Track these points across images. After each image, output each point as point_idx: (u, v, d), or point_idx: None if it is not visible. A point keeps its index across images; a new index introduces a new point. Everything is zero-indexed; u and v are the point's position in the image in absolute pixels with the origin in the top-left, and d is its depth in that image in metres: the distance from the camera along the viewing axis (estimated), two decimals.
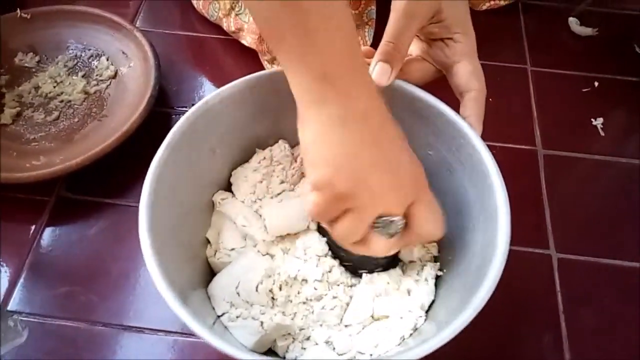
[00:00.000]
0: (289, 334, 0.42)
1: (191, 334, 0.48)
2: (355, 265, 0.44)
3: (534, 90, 0.69)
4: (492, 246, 0.37)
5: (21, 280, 0.51)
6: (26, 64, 0.67)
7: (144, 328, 0.49)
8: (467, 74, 0.43)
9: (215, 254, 0.46)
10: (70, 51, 0.68)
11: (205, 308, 0.42)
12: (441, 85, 0.45)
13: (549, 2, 0.79)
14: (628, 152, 0.63)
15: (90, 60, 0.67)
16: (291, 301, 0.43)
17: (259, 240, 0.45)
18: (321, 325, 0.43)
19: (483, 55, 0.71)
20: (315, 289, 0.43)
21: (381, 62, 0.42)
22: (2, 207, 0.56)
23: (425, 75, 0.45)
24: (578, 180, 0.61)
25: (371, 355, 0.41)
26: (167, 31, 0.73)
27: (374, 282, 0.43)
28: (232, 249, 0.45)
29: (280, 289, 0.43)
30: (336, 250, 0.44)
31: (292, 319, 0.42)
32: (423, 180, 0.37)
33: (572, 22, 0.76)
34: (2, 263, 0.52)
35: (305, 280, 0.43)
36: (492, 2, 0.75)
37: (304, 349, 0.42)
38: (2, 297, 0.50)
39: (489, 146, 0.63)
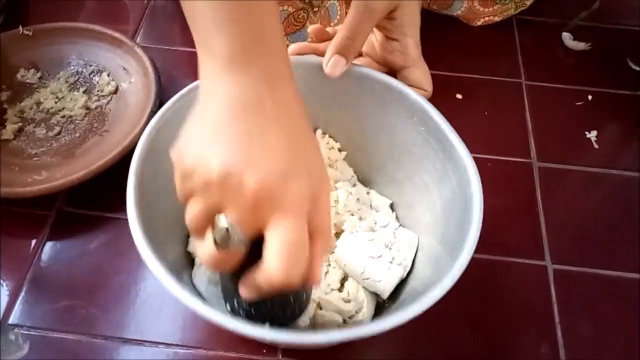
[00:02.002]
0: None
1: (191, 346, 0.49)
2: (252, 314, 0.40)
3: (528, 104, 0.70)
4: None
5: (22, 294, 0.52)
6: (28, 80, 0.67)
7: (144, 341, 0.49)
8: (419, 78, 0.48)
9: None
10: (72, 67, 0.69)
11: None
12: None
13: (543, 17, 0.80)
14: (622, 164, 0.64)
15: (91, 76, 0.68)
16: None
17: None
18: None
19: (479, 70, 0.73)
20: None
21: (337, 54, 0.44)
22: (3, 222, 0.56)
23: None
24: (573, 192, 0.62)
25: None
26: (167, 47, 0.74)
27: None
28: None
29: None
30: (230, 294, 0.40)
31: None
32: (294, 199, 0.30)
33: (566, 37, 0.77)
34: (2, 277, 0.53)
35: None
36: (486, 18, 0.76)
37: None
38: (3, 311, 0.50)
39: (484, 159, 0.64)
